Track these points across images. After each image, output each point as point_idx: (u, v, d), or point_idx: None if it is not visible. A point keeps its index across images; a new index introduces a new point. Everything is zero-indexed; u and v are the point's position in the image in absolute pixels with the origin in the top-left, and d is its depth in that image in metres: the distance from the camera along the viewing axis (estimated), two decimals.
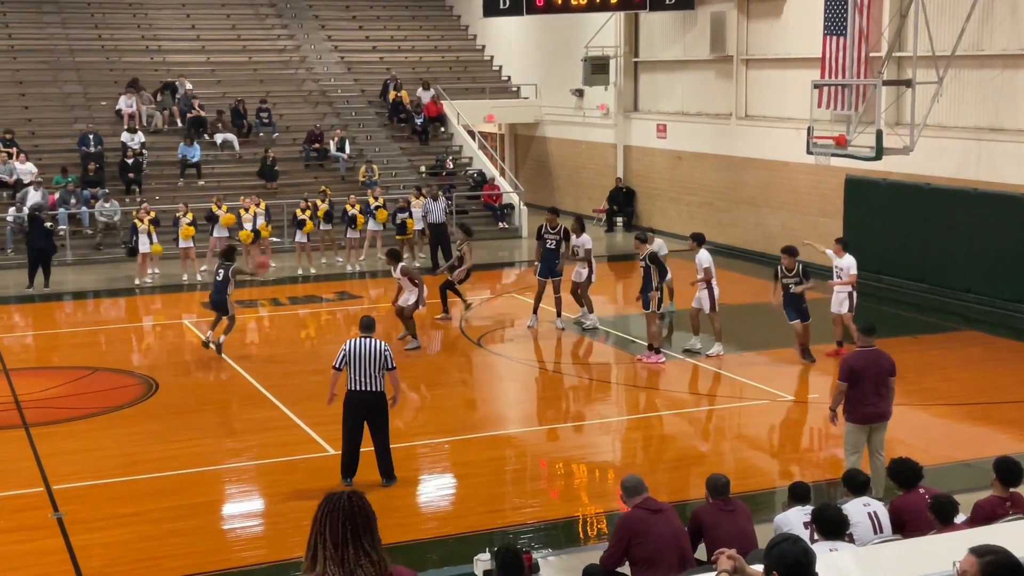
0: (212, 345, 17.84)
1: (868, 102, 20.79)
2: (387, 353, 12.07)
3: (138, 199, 26.50)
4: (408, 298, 18.25)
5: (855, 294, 17.35)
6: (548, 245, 19.41)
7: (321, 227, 25.58)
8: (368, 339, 12.15)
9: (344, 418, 12.20)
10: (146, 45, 34.35)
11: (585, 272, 19.35)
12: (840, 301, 17.32)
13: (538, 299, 19.54)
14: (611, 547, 8.52)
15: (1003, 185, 20.54)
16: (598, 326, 19.46)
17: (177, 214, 24.56)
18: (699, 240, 17.96)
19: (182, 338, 19.99)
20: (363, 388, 12.02)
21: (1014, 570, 4.68)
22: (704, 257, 17.66)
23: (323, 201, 25.67)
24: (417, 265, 25.55)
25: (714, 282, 17.62)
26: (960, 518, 8.88)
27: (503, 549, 8.24)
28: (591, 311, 19.54)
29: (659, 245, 19.03)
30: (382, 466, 12.31)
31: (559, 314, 19.46)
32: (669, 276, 18.52)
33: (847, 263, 17.32)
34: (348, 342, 12.23)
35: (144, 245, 23.85)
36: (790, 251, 17.11)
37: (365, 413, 12.11)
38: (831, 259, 17.59)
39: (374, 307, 22.94)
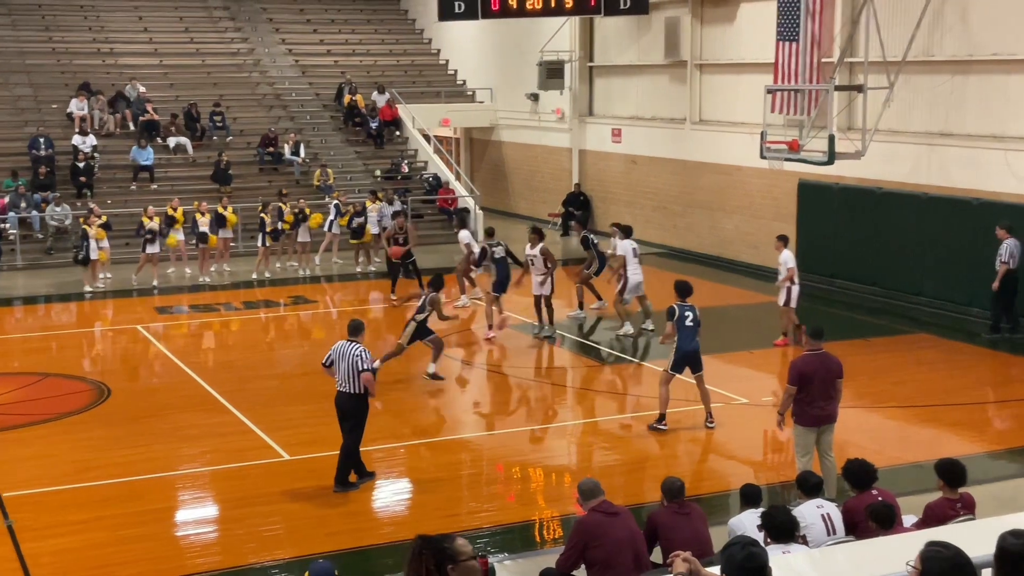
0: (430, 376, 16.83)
1: (820, 107, 21.00)
2: (359, 357, 12.13)
3: (89, 203, 26.21)
4: (541, 281, 18.98)
5: (793, 288, 17.89)
6: (496, 256, 19.91)
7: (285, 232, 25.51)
8: (350, 342, 12.26)
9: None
10: (98, 48, 34.01)
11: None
12: (783, 295, 18.12)
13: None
14: (567, 550, 8.54)
15: (953, 189, 20.82)
16: (553, 335, 19.40)
17: (170, 212, 24.64)
18: (625, 231, 19.42)
19: (135, 343, 19.80)
20: (341, 389, 12.27)
21: (962, 567, 4.73)
22: (621, 246, 19.11)
23: (287, 205, 25.56)
24: (372, 269, 25.49)
25: (629, 270, 18.94)
26: (911, 519, 8.99)
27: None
28: (551, 322, 19.42)
29: (625, 247, 19.38)
30: (339, 463, 12.38)
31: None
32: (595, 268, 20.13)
33: (785, 258, 18.08)
34: (337, 343, 12.44)
35: (94, 252, 23.60)
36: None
37: (342, 413, 12.32)
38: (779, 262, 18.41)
39: (329, 312, 22.86)
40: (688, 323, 14.10)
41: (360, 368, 12.10)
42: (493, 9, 26.41)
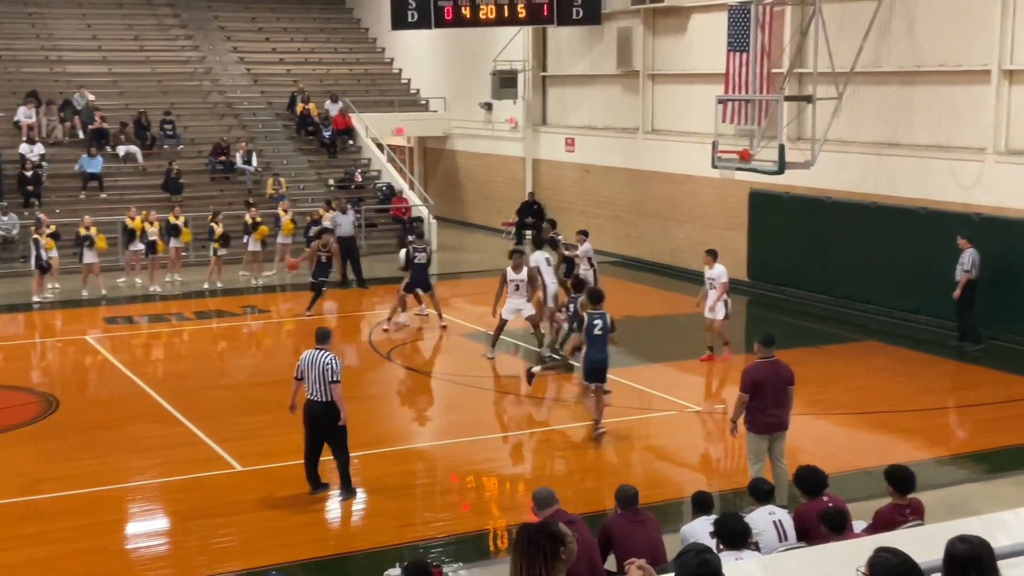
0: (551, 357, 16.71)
1: (771, 117, 21.21)
2: (329, 366, 12.08)
3: (37, 212, 25.88)
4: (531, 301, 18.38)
5: (729, 301, 17.88)
6: (417, 261, 20.19)
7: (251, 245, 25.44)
8: (320, 351, 12.20)
9: (304, 427, 12.34)
10: (45, 55, 33.61)
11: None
12: (714, 308, 17.78)
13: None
14: None
15: (900, 199, 21.09)
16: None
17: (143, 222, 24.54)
18: (539, 244, 19.57)
19: (84, 354, 19.58)
20: (313, 398, 12.17)
21: (908, 573, 4.79)
22: (533, 258, 18.99)
23: (252, 218, 25.50)
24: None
25: (546, 279, 18.62)
26: (862, 525, 9.09)
27: (412, 563, 8.22)
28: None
29: (586, 249, 19.96)
30: (340, 475, 12.38)
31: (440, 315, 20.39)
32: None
33: (718, 272, 17.86)
34: (305, 353, 12.35)
35: (48, 258, 23.30)
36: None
37: (313, 422, 12.22)
38: (705, 276, 18.12)
39: (281, 321, 22.72)
40: (597, 332, 13.96)
41: (331, 379, 12.05)
42: (446, 18, 26.46)
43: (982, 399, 16.34)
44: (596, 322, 13.97)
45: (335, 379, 12.07)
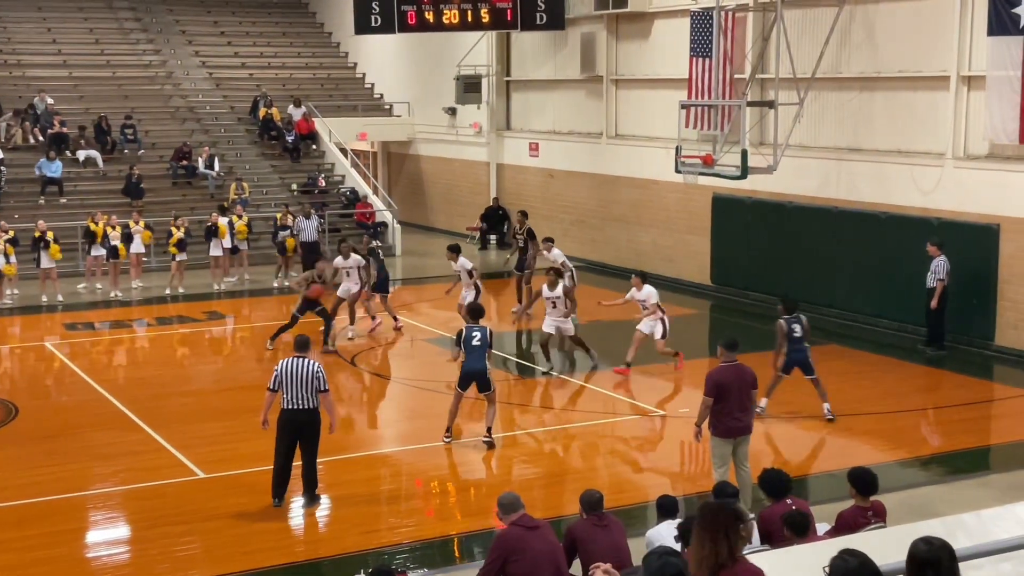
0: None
1: (733, 122, 21.32)
2: (320, 375, 12.01)
3: None
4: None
5: (666, 319, 17.75)
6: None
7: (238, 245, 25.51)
8: (301, 359, 12.08)
9: (277, 437, 12.11)
10: (4, 59, 33.26)
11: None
12: (651, 327, 17.64)
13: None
14: (487, 565, 8.53)
15: (861, 203, 21.26)
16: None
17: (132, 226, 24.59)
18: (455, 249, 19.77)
19: (43, 360, 19.36)
20: (296, 406, 11.97)
21: (869, 574, 4.84)
22: (459, 263, 19.61)
23: (240, 218, 25.43)
24: (287, 284, 25.24)
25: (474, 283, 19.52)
26: (824, 528, 9.14)
27: (377, 570, 8.20)
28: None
29: (557, 255, 20.32)
30: (307, 481, 12.28)
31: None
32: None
33: (646, 294, 17.74)
34: (281, 362, 12.17)
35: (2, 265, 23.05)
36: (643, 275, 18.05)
37: (297, 431, 12.06)
38: (633, 296, 17.92)
39: (241, 327, 22.58)
40: (475, 343, 14.17)
41: (320, 388, 11.98)
42: (410, 23, 26.43)
43: (944, 402, 16.52)
44: (475, 334, 14.24)
45: (324, 388, 12.01)
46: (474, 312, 15.05)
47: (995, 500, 11.28)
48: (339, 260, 20.15)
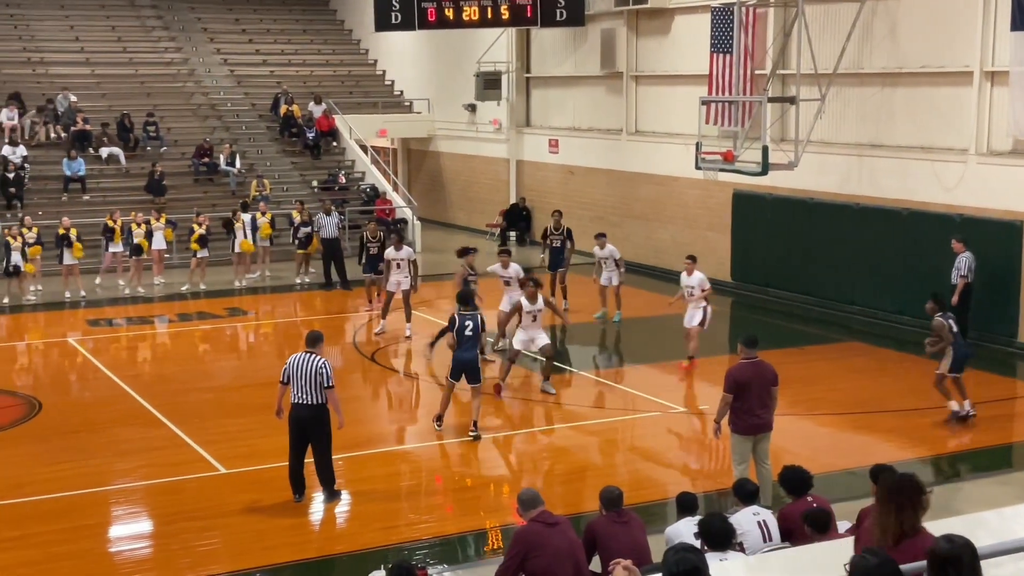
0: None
1: (754, 118, 21.25)
2: (324, 371, 11.98)
3: (19, 214, 25.77)
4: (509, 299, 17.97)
5: (708, 309, 17.73)
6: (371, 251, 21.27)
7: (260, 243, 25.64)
8: (310, 354, 12.07)
9: (288, 432, 12.18)
10: (28, 57, 33.47)
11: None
12: (692, 316, 17.67)
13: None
14: (506, 561, 8.54)
15: (883, 200, 21.16)
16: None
17: (148, 223, 24.71)
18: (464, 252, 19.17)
19: (66, 356, 19.48)
20: (301, 401, 12.01)
21: (888, 574, 4.82)
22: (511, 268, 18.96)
23: (263, 215, 25.66)
24: (307, 280, 25.34)
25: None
26: (846, 525, 9.11)
27: (397, 566, 8.21)
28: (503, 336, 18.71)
29: (611, 251, 20.92)
30: (322, 477, 12.28)
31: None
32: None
33: (696, 281, 17.74)
34: (292, 356, 12.19)
35: (19, 263, 23.17)
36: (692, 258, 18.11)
37: (303, 426, 12.08)
38: (683, 282, 18.00)
39: (261, 323, 22.66)
40: (468, 332, 14.19)
41: (325, 384, 11.96)
42: (430, 20, 26.45)
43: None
44: (467, 323, 14.24)
45: (329, 384, 11.99)
46: (464, 298, 14.82)
47: (1016, 498, 11.23)
48: (391, 251, 20.11)
